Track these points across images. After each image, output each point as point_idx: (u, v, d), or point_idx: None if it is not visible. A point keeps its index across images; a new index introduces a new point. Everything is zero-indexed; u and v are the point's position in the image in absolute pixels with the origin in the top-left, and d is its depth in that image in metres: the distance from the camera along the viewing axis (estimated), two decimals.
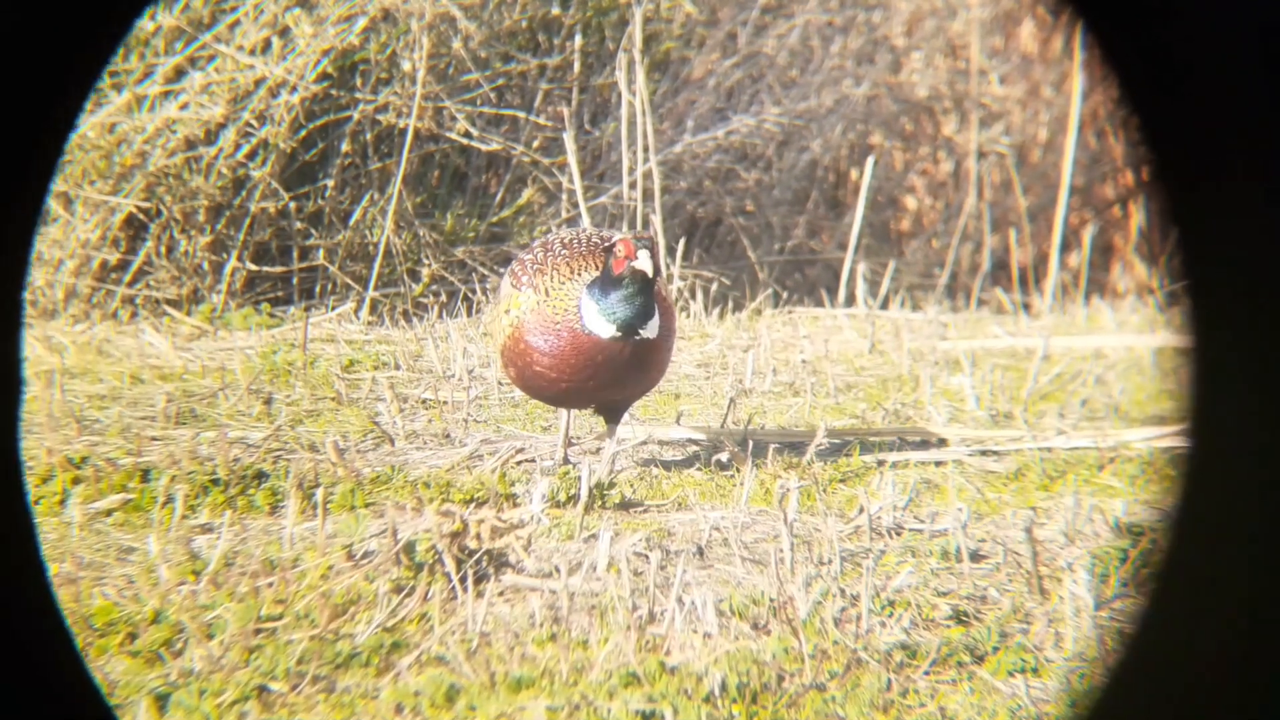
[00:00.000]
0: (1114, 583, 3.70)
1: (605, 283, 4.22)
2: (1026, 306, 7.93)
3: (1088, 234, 8.61)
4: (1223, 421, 2.25)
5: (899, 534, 3.99)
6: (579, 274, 4.28)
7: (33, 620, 2.43)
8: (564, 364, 4.25)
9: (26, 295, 6.53)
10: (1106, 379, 5.80)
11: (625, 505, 4.18)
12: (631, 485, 4.35)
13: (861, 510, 4.00)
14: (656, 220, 7.24)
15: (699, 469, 4.55)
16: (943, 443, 4.84)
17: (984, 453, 4.72)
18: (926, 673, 3.29)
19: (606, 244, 4.29)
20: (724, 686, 3.17)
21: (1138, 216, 9.47)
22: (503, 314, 4.36)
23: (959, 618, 3.50)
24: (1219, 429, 2.25)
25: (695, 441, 4.86)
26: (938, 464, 4.57)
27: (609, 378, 4.26)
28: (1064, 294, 8.36)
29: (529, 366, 4.29)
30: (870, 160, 7.42)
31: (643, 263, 4.17)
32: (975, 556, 3.83)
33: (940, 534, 3.95)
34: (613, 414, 4.43)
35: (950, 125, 9.14)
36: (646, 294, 4.20)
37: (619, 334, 4.21)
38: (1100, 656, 3.36)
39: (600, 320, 4.22)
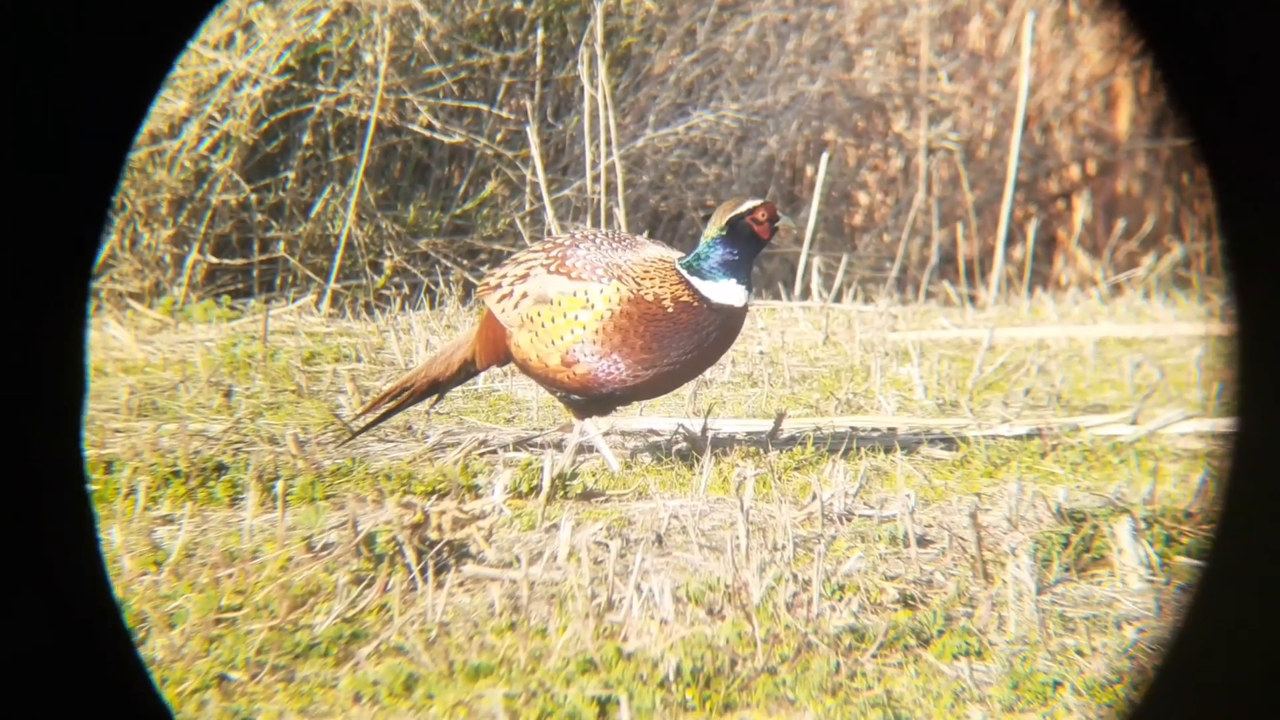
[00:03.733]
0: (1055, 567, 3.80)
1: (724, 252, 4.30)
2: (972, 299, 8.05)
3: (1032, 228, 8.74)
4: (1267, 410, 2.27)
5: (849, 520, 4.07)
6: (654, 267, 4.33)
7: (95, 620, 2.48)
8: (669, 348, 4.31)
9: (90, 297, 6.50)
10: (1049, 368, 5.91)
11: (587, 495, 4.24)
12: (594, 475, 4.41)
13: (814, 497, 4.08)
14: (620, 214, 7.30)
15: (660, 458, 4.62)
16: (892, 431, 4.94)
17: (931, 440, 4.82)
18: (874, 655, 3.37)
19: (736, 212, 4.36)
20: (679, 671, 3.23)
21: (1081, 210, 9.61)
22: (574, 310, 4.32)
23: (906, 601, 3.58)
24: (1264, 418, 2.27)
25: (656, 432, 4.93)
26: (887, 451, 4.67)
27: (707, 356, 4.37)
28: (1008, 286, 8.49)
29: (623, 358, 4.31)
30: (824, 156, 7.51)
31: (786, 221, 4.36)
32: (922, 541, 3.91)
33: (888, 520, 4.03)
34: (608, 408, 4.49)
35: (901, 122, 9.25)
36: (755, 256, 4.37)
37: (742, 290, 4.34)
38: (1042, 639, 3.46)
39: (732, 289, 4.32)
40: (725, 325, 4.34)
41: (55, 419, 2.38)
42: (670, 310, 4.30)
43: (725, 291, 4.31)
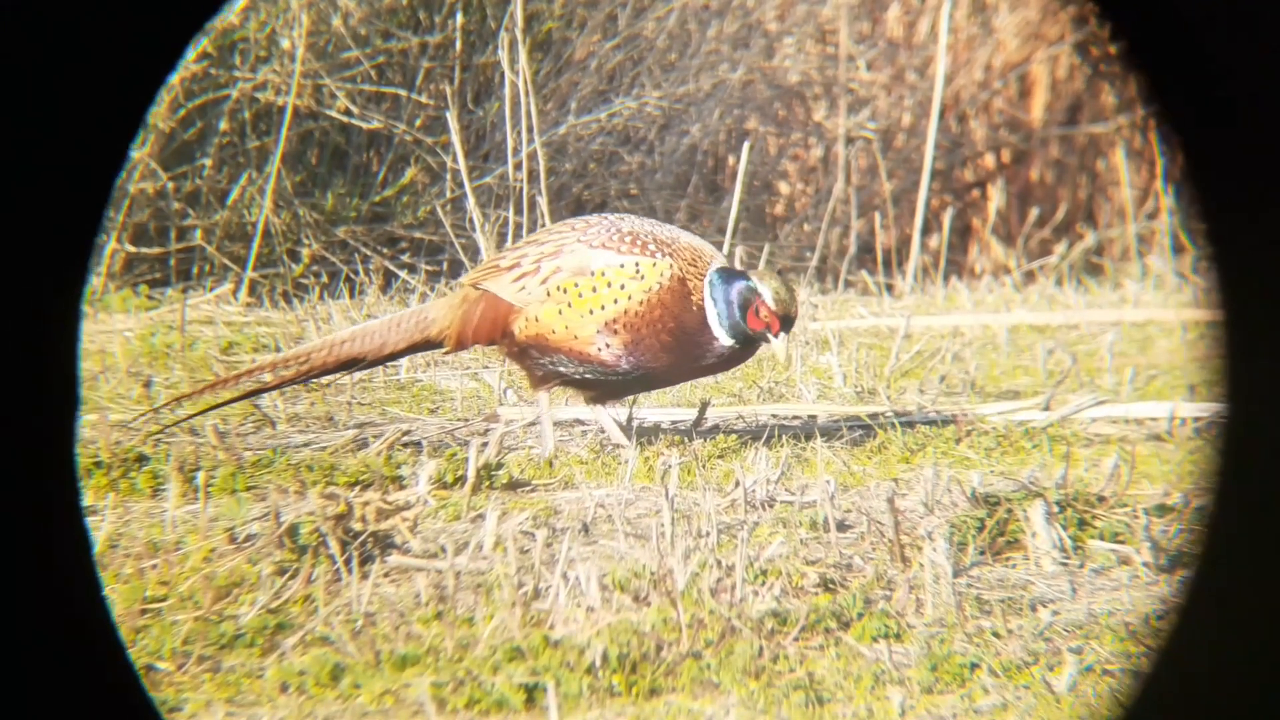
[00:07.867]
0: (971, 550, 3.90)
1: (730, 298, 4.34)
2: (889, 288, 8.17)
3: (947, 216, 8.88)
4: (1257, 395, 2.26)
5: (771, 506, 4.13)
6: (698, 256, 4.37)
7: (85, 621, 2.47)
8: (684, 343, 4.35)
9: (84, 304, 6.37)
10: (963, 356, 6.03)
11: (513, 485, 4.27)
12: (520, 466, 4.44)
13: (737, 484, 4.14)
14: (543, 202, 7.30)
15: (586, 448, 4.66)
16: (812, 418, 5.02)
17: (850, 427, 4.91)
18: (795, 639, 3.44)
19: (749, 292, 4.34)
20: (605, 657, 3.28)
21: (995, 199, 9.79)
22: (620, 280, 4.33)
23: (826, 585, 3.65)
24: (1254, 402, 2.27)
25: (583, 421, 4.96)
26: (807, 438, 4.75)
27: (709, 367, 4.44)
28: (924, 275, 8.63)
29: (654, 336, 4.33)
30: (746, 145, 7.58)
31: (778, 346, 4.36)
32: (841, 526, 3.98)
33: (809, 505, 4.10)
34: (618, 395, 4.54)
35: (820, 110, 9.34)
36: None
37: (735, 344, 4.39)
38: (959, 622, 3.55)
39: (720, 328, 4.36)
40: (723, 351, 4.41)
41: (52, 419, 2.37)
42: (694, 310, 4.37)
43: (717, 328, 4.37)
